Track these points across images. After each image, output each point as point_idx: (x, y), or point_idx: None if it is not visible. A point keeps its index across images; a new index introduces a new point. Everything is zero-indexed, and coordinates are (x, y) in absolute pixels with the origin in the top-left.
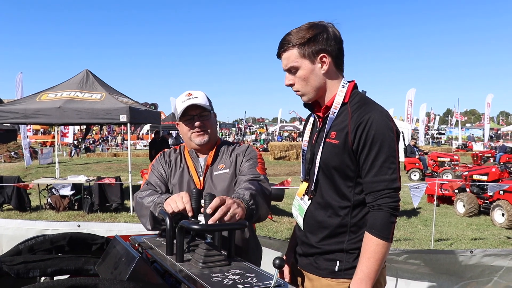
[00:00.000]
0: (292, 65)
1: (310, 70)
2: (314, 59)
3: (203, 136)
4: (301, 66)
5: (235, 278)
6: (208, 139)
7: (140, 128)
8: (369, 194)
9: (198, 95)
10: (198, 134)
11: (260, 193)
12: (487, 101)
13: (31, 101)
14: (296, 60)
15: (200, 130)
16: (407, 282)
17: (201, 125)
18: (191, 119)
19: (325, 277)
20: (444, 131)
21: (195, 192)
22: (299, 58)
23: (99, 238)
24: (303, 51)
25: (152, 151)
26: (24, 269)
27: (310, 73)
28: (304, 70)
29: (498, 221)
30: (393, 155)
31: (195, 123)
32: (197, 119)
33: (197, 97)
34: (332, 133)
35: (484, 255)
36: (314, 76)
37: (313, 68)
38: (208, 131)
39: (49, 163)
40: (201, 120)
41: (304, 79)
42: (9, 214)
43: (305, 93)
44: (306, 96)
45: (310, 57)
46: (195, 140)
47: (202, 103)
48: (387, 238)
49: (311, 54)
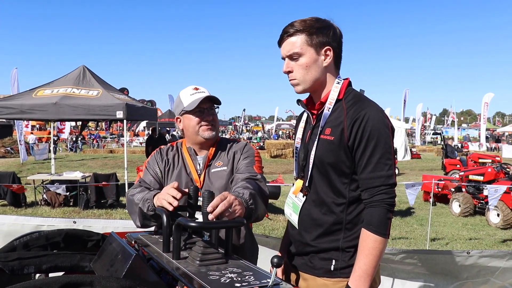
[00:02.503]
0: (295, 51)
1: (314, 60)
2: (320, 50)
3: (211, 130)
4: (305, 54)
5: (233, 277)
6: (216, 133)
7: (136, 125)
8: (365, 191)
9: (204, 90)
10: (207, 128)
11: (258, 193)
12: (485, 101)
13: (27, 96)
14: (302, 47)
15: (209, 124)
16: (403, 282)
17: (212, 119)
18: (201, 112)
19: (321, 277)
20: (440, 131)
21: (192, 189)
22: (305, 45)
23: (95, 234)
24: (311, 39)
25: (149, 147)
26: (19, 265)
27: (313, 63)
28: (307, 58)
29: (494, 221)
30: (389, 151)
31: (206, 117)
32: (207, 112)
33: (205, 91)
34: (327, 130)
35: (481, 256)
36: (315, 67)
37: (317, 58)
38: (216, 126)
39: (44, 159)
40: (211, 113)
41: (306, 68)
42: (4, 210)
43: (302, 82)
44: (301, 86)
45: (316, 47)
46: (204, 134)
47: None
48: (384, 234)
49: (318, 44)
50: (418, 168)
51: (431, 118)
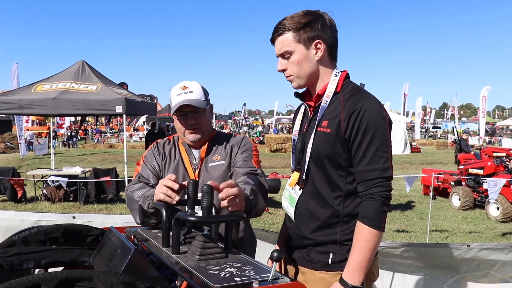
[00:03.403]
0: (286, 50)
1: (304, 55)
2: (309, 44)
3: (195, 134)
4: (295, 51)
5: (232, 271)
6: (201, 136)
7: (136, 120)
8: (361, 183)
9: (194, 88)
10: (190, 132)
11: (259, 188)
12: (483, 94)
13: (26, 92)
14: (291, 45)
15: (193, 127)
16: (403, 276)
17: (194, 123)
18: (184, 115)
19: (318, 270)
20: (440, 125)
21: (191, 183)
22: (293, 42)
23: (94, 229)
24: (299, 35)
25: (149, 142)
26: (18, 260)
27: (304, 58)
28: (298, 55)
29: (493, 215)
30: (386, 144)
31: (188, 121)
32: (191, 116)
33: (192, 91)
34: (324, 122)
35: (481, 249)
36: (307, 62)
37: (308, 53)
38: (201, 129)
39: (44, 154)
40: (194, 117)
41: (298, 64)
42: (4, 205)
43: (297, 78)
44: (297, 82)
45: (305, 42)
46: (188, 137)
47: (197, 99)
48: (379, 227)
49: (306, 39)
50: (418, 162)
51: (430, 112)
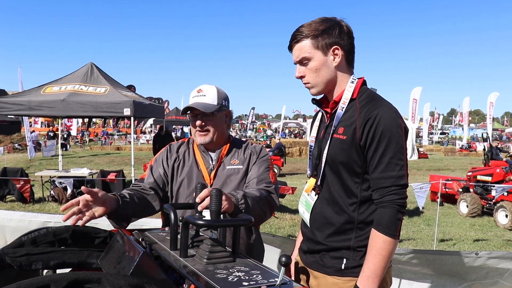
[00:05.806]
0: (304, 56)
1: (323, 62)
2: (327, 51)
3: (204, 136)
4: (313, 57)
5: (240, 275)
6: (210, 139)
7: (143, 122)
8: (376, 191)
9: (208, 92)
10: (199, 134)
11: (263, 201)
12: (490, 101)
13: (36, 93)
14: (309, 51)
15: (202, 130)
16: (410, 283)
17: (202, 125)
18: (194, 117)
19: (331, 275)
20: (447, 131)
21: (199, 187)
22: (312, 49)
23: (102, 231)
24: (317, 42)
25: (156, 145)
26: (27, 261)
27: (322, 65)
28: (316, 62)
29: (502, 222)
30: (401, 151)
31: (197, 123)
32: (200, 118)
33: (205, 95)
34: (340, 129)
35: (489, 257)
36: (326, 68)
37: (326, 60)
38: (210, 131)
39: (52, 155)
40: (203, 120)
41: (316, 71)
42: (12, 205)
43: (315, 85)
44: (315, 89)
45: (323, 49)
46: (197, 138)
47: (206, 102)
48: (393, 235)
49: (324, 46)
50: (426, 168)
51: (438, 118)
